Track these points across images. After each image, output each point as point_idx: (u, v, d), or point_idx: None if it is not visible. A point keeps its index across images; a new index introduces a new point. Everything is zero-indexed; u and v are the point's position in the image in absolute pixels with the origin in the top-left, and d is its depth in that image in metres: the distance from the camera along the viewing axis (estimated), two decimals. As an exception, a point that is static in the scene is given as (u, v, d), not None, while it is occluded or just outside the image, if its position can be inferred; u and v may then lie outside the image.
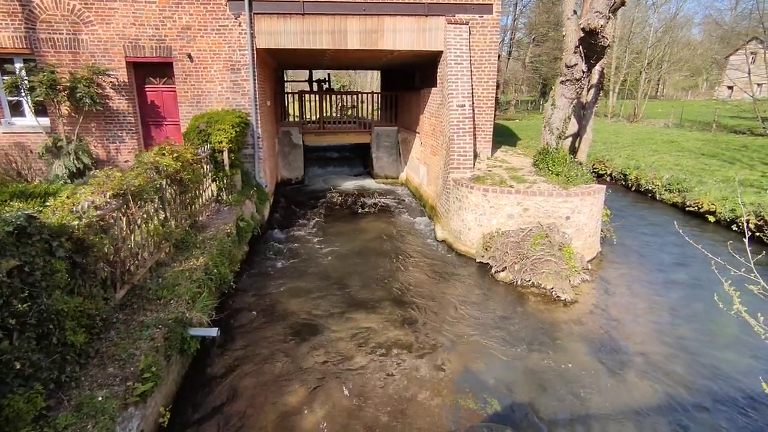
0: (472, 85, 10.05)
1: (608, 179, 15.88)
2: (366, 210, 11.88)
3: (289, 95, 16.98)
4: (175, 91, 9.55)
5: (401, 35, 9.67)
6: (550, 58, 40.42)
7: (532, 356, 5.51)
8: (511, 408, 4.56)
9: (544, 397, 4.75)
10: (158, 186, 5.64)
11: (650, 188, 13.27)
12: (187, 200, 6.83)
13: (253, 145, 9.89)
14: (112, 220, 4.42)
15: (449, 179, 9.19)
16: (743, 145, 16.80)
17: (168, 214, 5.97)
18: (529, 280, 7.24)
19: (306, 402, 4.58)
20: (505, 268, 7.51)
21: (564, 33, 8.86)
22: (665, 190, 12.68)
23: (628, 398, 4.76)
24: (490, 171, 9.45)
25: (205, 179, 7.95)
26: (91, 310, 3.67)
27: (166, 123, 9.94)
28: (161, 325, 4.26)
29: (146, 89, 9.65)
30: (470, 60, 9.61)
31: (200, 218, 7.58)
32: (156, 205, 5.68)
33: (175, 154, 6.14)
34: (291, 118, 18.81)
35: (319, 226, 10.63)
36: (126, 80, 9.12)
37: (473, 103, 10.27)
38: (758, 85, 18.60)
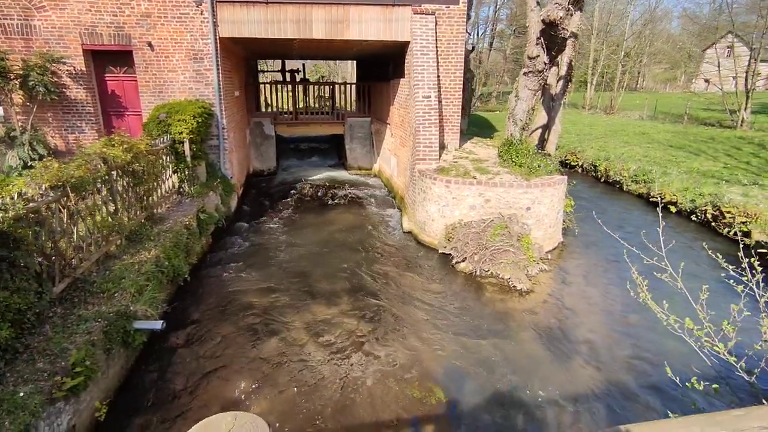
0: (438, 76, 10.06)
1: (580, 170, 16.11)
2: (336, 202, 11.84)
3: (264, 86, 16.76)
4: (136, 81, 9.33)
5: (367, 25, 9.58)
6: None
7: (483, 345, 5.60)
8: (454, 397, 4.64)
9: (488, 386, 4.84)
10: (105, 177, 5.53)
11: (618, 179, 13.51)
12: (142, 192, 6.71)
13: (217, 136, 9.75)
14: (49, 213, 4.32)
15: (415, 170, 9.21)
16: (710, 137, 17.18)
17: (119, 206, 5.87)
18: (488, 271, 7.33)
19: (250, 394, 4.58)
20: (465, 258, 7.59)
21: (528, 24, 8.90)
22: (632, 181, 12.92)
23: (570, 385, 4.88)
24: (455, 162, 9.49)
25: (164, 171, 7.82)
26: (20, 305, 3.60)
27: (128, 113, 9.72)
28: (101, 318, 4.21)
29: (106, 78, 9.41)
30: (436, 51, 9.59)
31: (159, 210, 7.47)
32: (104, 197, 5.57)
33: (125, 145, 6.01)
34: (269, 109, 18.59)
35: (287, 217, 10.58)
36: (84, 69, 8.87)
37: (440, 94, 10.28)
38: (733, 78, 18.87)
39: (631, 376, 5.06)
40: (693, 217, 10.26)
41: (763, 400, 2.25)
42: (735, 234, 8.51)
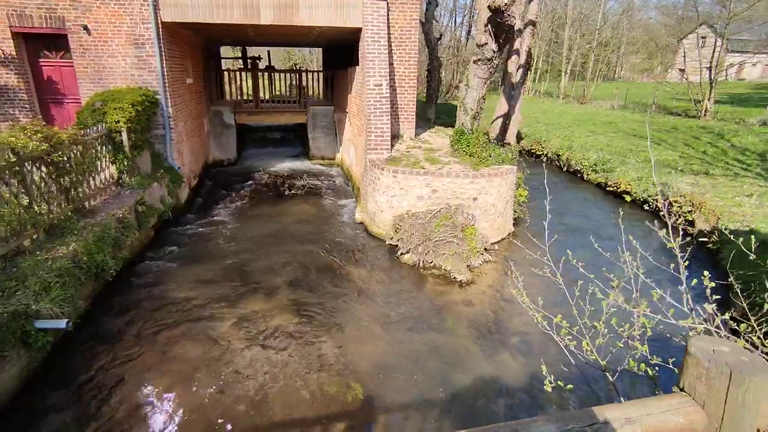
0: (392, 64, 9.87)
1: (545, 160, 16.15)
2: (293, 192, 11.63)
3: (227, 73, 16.26)
4: (73, 67, 8.91)
5: (318, 11, 9.30)
6: (509, 38, 40.49)
7: (414, 338, 5.54)
8: (373, 393, 4.56)
9: (412, 379, 4.78)
10: (16, 169, 5.24)
11: (579, 168, 13.57)
12: (68, 184, 6.41)
13: (163, 125, 9.41)
14: (-65, 207, 4.05)
15: (367, 160, 9.05)
16: (673, 127, 17.36)
17: (34, 199, 5.58)
18: (431, 262, 7.26)
19: (163, 394, 4.43)
20: (410, 250, 7.50)
21: (477, 11, 8.75)
22: (591, 170, 13.00)
23: (494, 377, 4.85)
24: (408, 152, 9.36)
25: (99, 161, 7.51)
26: None
27: (67, 101, 9.30)
28: (-6, 318, 3.98)
29: (41, 64, 8.96)
30: (389, 38, 9.38)
31: (93, 202, 7.18)
32: (15, 189, 5.28)
33: (40, 135, 5.70)
34: (234, 97, 18.13)
35: (240, 209, 10.34)
36: (14, 53, 8.42)
37: (394, 82, 10.10)
38: (707, 68, 19.11)
39: (558, 368, 5.04)
40: (646, 207, 10.37)
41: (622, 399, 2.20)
42: (680, 224, 8.61)
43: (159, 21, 8.78)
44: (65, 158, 6.24)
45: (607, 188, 11.84)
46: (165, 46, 9.16)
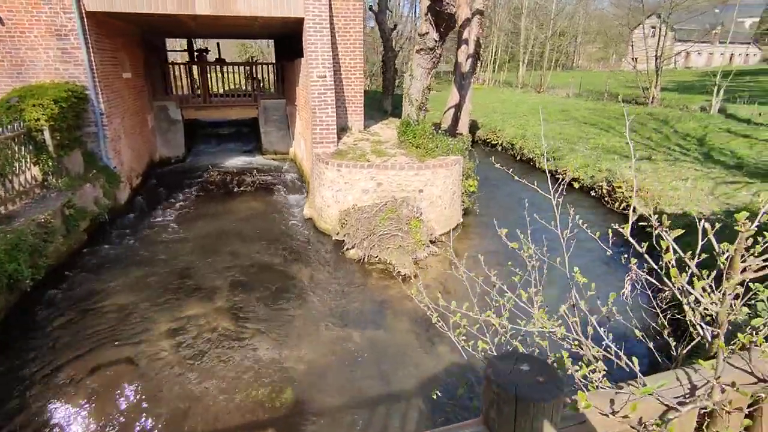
0: (337, 54, 9.64)
1: (500, 149, 16.31)
2: (243, 189, 11.27)
3: (174, 67, 15.57)
4: (-12, 61, 8.24)
5: (257, 0, 8.94)
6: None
7: (353, 337, 5.42)
8: (305, 396, 4.42)
9: (347, 381, 4.67)
10: None
11: (531, 157, 13.77)
12: (-23, 188, 5.92)
13: (95, 123, 8.87)
14: None
15: (313, 154, 8.83)
16: (622, 114, 17.87)
17: (-68, 207, 5.11)
18: (377, 256, 7.16)
19: (77, 410, 4.14)
20: (355, 245, 7.37)
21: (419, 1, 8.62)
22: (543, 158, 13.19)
23: (431, 371, 4.80)
24: (356, 144, 9.19)
25: (17, 162, 6.99)
26: None
27: (-15, 98, 8.61)
28: None
29: (-48, 58, 8.25)
30: (332, 27, 9.14)
31: (9, 207, 6.68)
32: None
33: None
34: (182, 92, 17.40)
35: (185, 208, 9.93)
36: None
37: (341, 73, 9.88)
38: (657, 57, 19.77)
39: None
40: (592, 193, 10.60)
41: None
42: (621, 209, 8.84)
43: (83, 10, 8.22)
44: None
45: (556, 176, 12.04)
46: (93, 37, 8.60)
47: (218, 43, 17.42)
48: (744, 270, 1.75)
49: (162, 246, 7.97)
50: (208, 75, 15.72)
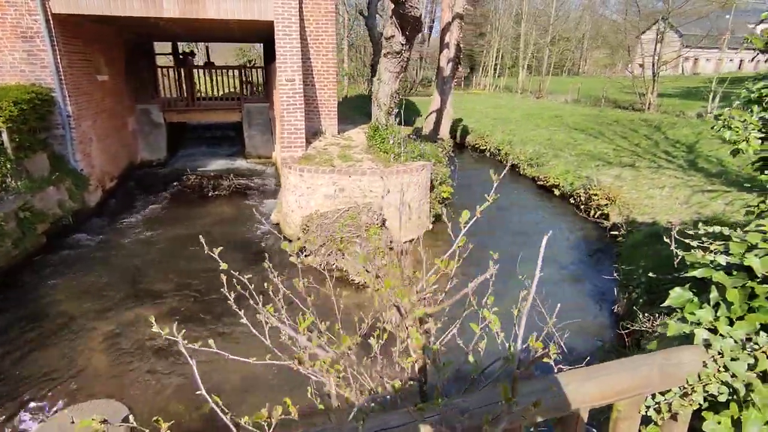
0: (309, 58, 9.53)
1: (488, 155, 16.08)
2: (218, 193, 11.15)
3: (161, 70, 15.58)
4: (-46, 62, 8.23)
5: (227, 4, 8.84)
6: (475, 34, 40.54)
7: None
8: (227, 407, 4.23)
9: (276, 394, 4.48)
10: None
11: (516, 163, 13.52)
12: None
13: (62, 125, 8.81)
14: None
15: (280, 158, 8.70)
16: (615, 120, 17.56)
17: None
18: (333, 264, 6.98)
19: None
20: (314, 251, 7.20)
21: (386, 3, 8.48)
22: (527, 165, 12.95)
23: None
24: (325, 149, 9.04)
25: (-28, 165, 6.93)
26: None
27: (-47, 100, 8.59)
28: None
29: None
30: (303, 31, 9.03)
31: (-38, 210, 6.61)
32: None
33: None
34: (175, 94, 17.42)
35: (156, 212, 9.84)
36: None
37: (313, 77, 9.76)
38: (654, 63, 19.48)
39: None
40: (571, 200, 10.34)
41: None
42: (596, 217, 8.58)
43: (49, 12, 8.18)
44: None
45: (538, 183, 11.80)
46: (61, 39, 8.56)
47: (207, 47, 17.46)
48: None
49: (124, 250, 7.86)
50: (196, 79, 15.73)
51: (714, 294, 1.68)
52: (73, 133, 8.95)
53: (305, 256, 7.30)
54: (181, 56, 14.81)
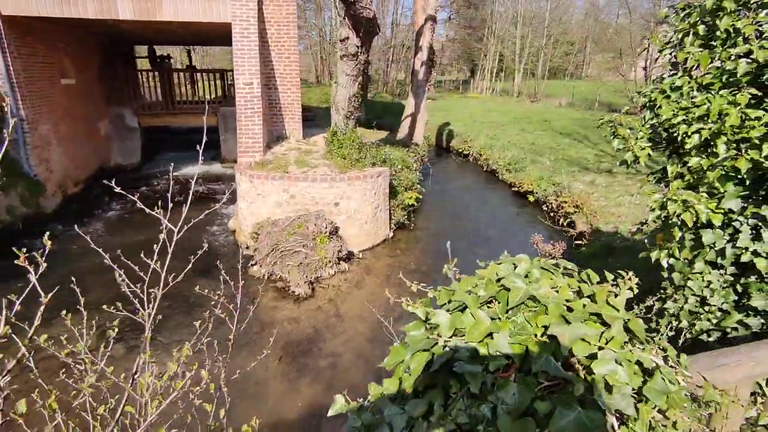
0: (270, 62, 9.29)
1: (471, 159, 15.75)
2: (185, 198, 10.90)
3: (141, 73, 15.43)
4: None
5: (183, 5, 8.64)
6: (474, 37, 40.20)
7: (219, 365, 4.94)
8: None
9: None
10: None
11: (495, 168, 13.19)
12: None
13: (15, 129, 8.62)
14: None
15: (237, 163, 8.45)
16: (603, 123, 17.15)
17: None
18: (278, 274, 6.68)
19: None
20: (259, 261, 6.91)
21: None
22: (505, 170, 12.61)
23: (289, 408, 4.31)
24: (285, 154, 8.77)
25: None
26: None
27: None
28: None
29: None
30: (263, 33, 8.79)
31: None
32: None
33: None
34: (159, 98, 17.28)
35: (116, 218, 9.65)
36: None
37: (275, 81, 9.51)
38: (645, 67, 19.25)
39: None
40: (545, 207, 10.00)
41: None
42: (564, 225, 8.24)
43: (-1, 15, 8.00)
44: None
45: (513, 188, 11.47)
46: (14, 42, 8.38)
47: (189, 50, 17.28)
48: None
49: (68, 256, 7.64)
50: (176, 82, 15.56)
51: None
52: (27, 137, 8.75)
53: (251, 265, 7.02)
54: (158, 60, 14.62)
